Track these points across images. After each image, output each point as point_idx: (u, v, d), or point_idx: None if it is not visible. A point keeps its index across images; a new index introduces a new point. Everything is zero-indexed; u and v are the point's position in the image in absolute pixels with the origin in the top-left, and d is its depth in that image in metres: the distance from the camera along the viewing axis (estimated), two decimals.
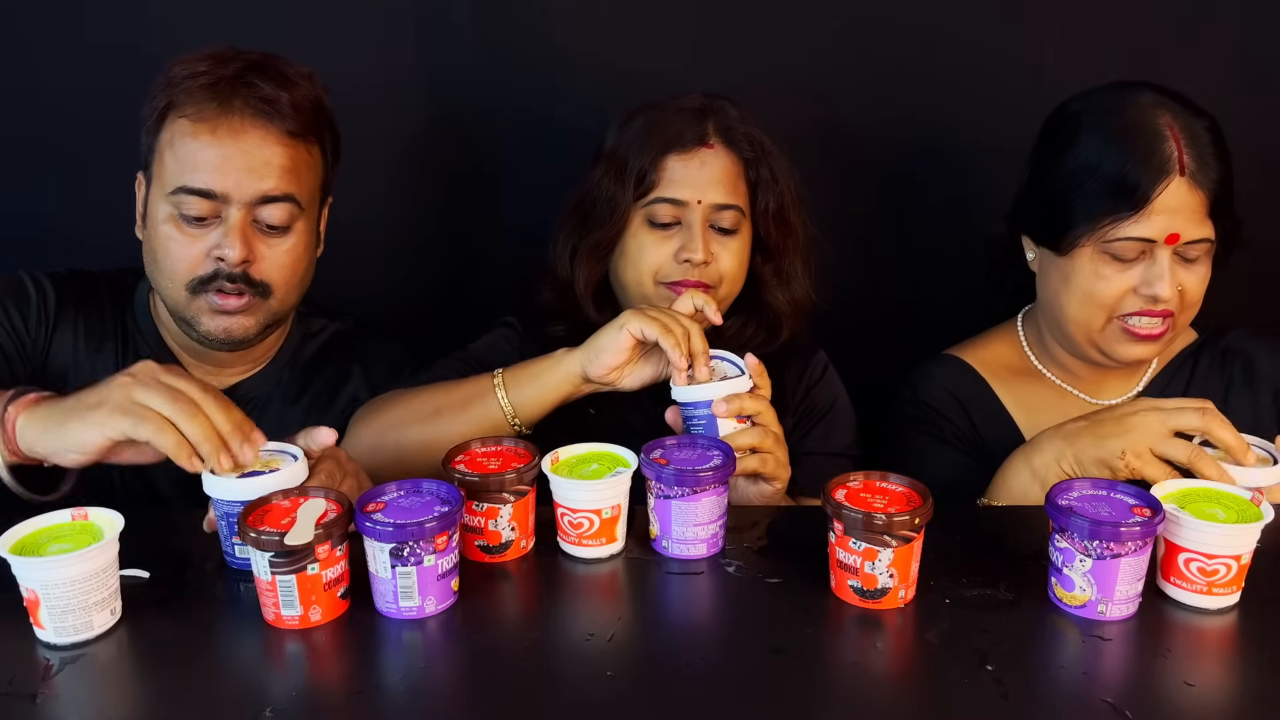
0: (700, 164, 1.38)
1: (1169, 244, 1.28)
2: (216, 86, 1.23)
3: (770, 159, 1.41)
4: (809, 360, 1.51)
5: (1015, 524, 1.17)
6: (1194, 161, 1.28)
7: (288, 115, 1.25)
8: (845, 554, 0.97)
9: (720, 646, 0.95)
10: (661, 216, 1.38)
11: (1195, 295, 1.33)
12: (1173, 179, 1.27)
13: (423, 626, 0.96)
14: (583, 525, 1.06)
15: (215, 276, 1.26)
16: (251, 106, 1.24)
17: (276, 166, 1.25)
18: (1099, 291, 1.32)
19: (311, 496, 1.01)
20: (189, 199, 1.23)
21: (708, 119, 1.40)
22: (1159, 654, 0.92)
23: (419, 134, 1.75)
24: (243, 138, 1.23)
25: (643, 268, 1.39)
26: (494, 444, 1.13)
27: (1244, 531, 0.95)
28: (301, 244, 1.31)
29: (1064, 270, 1.35)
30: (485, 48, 1.70)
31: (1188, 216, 1.28)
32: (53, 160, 1.68)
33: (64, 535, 0.95)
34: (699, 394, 1.21)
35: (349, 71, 1.66)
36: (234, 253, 1.24)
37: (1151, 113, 1.30)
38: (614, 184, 1.39)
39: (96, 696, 0.88)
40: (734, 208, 1.38)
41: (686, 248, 1.36)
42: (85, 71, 1.63)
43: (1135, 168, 1.27)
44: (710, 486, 1.06)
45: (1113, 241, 1.29)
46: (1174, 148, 1.27)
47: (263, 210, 1.25)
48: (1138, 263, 1.30)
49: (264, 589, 0.95)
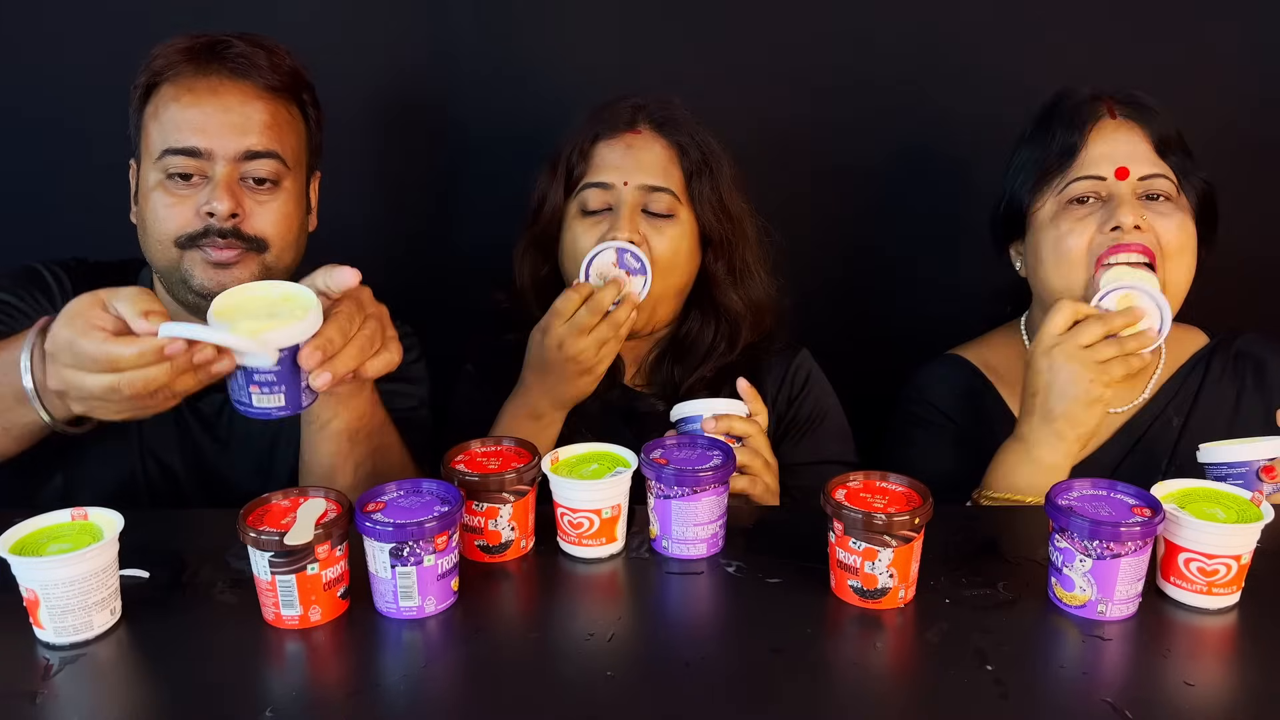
0: (627, 147, 1.37)
1: (1121, 179, 1.31)
2: (193, 52, 1.26)
3: (704, 147, 1.39)
4: (790, 362, 1.48)
5: (1015, 524, 1.17)
6: (1123, 107, 1.34)
7: (265, 72, 1.27)
8: (845, 554, 0.97)
9: (720, 646, 0.94)
10: (591, 203, 1.37)
11: (1174, 242, 1.30)
12: (1102, 120, 1.33)
13: (423, 626, 0.96)
14: (583, 525, 1.06)
15: (206, 233, 1.25)
16: (228, 66, 1.26)
17: (257, 122, 1.26)
18: (1066, 246, 1.32)
19: (311, 496, 1.01)
20: (175, 159, 1.24)
21: (640, 109, 1.40)
22: (1159, 654, 0.92)
23: (418, 135, 1.75)
24: (222, 95, 1.25)
25: (577, 257, 1.35)
26: (494, 444, 1.13)
27: (1244, 531, 0.95)
28: (291, 202, 1.30)
29: (1035, 245, 1.37)
30: (483, 48, 1.70)
31: (1131, 151, 1.32)
32: (54, 153, 1.68)
33: (64, 535, 0.95)
34: (691, 409, 1.25)
35: (346, 73, 1.67)
36: (222, 206, 1.23)
37: (1079, 92, 1.37)
38: (549, 179, 1.40)
39: (96, 696, 0.88)
40: (665, 190, 1.36)
41: (614, 228, 1.33)
42: (85, 65, 1.64)
43: (1065, 127, 1.34)
44: (710, 486, 1.06)
45: (1063, 189, 1.33)
46: (1101, 103, 1.35)
47: (248, 165, 1.26)
48: (1098, 207, 1.32)
49: (264, 589, 0.94)
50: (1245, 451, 1.17)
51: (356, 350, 0.99)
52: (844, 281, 1.81)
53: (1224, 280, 1.34)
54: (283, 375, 0.95)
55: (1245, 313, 1.45)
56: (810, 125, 1.74)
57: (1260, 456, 1.16)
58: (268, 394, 0.96)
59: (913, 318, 1.77)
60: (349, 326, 0.99)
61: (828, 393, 1.49)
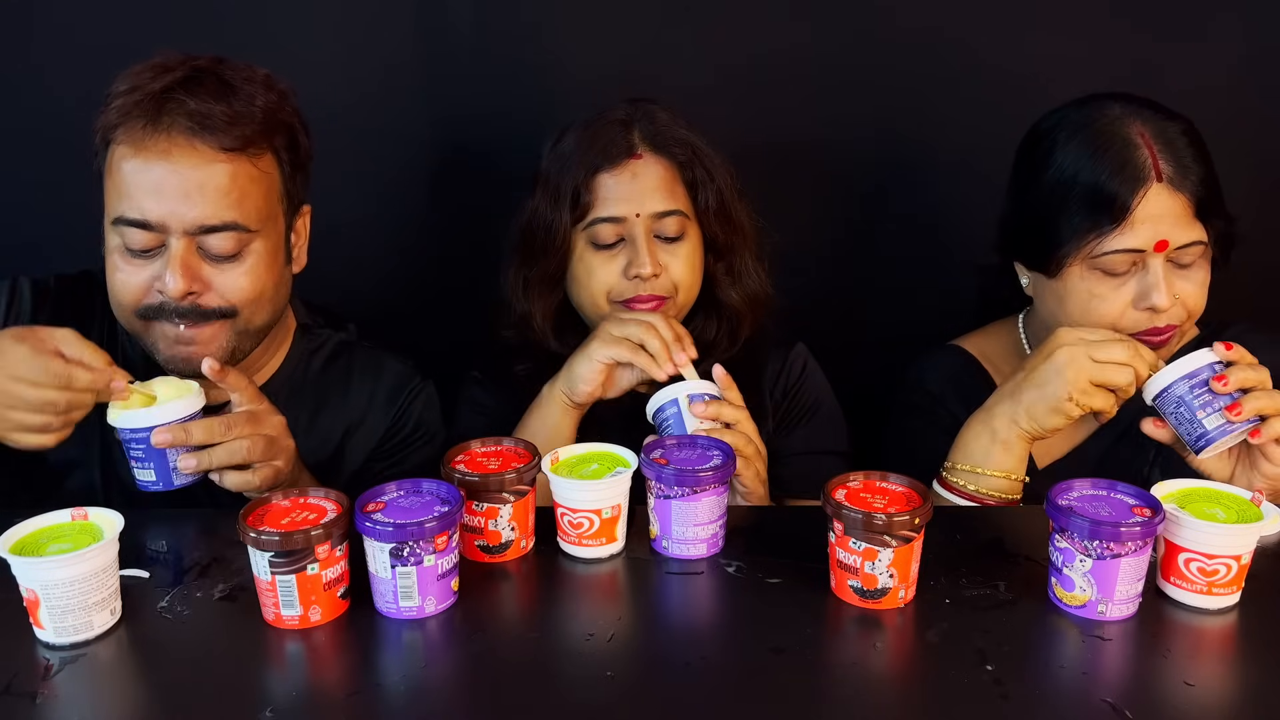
0: (632, 176, 1.35)
1: (1159, 252, 1.26)
2: (143, 104, 1.15)
3: (703, 158, 1.38)
4: (787, 355, 1.49)
5: (1015, 524, 1.17)
6: (1170, 166, 1.26)
7: (221, 129, 1.16)
8: (845, 554, 0.97)
9: (720, 646, 0.95)
10: (604, 237, 1.35)
11: (1195, 303, 1.30)
12: (1150, 185, 1.25)
13: (423, 626, 0.96)
14: (583, 525, 1.06)
15: (162, 309, 1.20)
16: (180, 124, 1.15)
17: (213, 189, 1.16)
18: (1096, 311, 1.30)
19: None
20: (129, 231, 1.17)
21: (632, 129, 1.37)
22: (1159, 654, 0.92)
23: (416, 135, 1.75)
24: (173, 158, 1.15)
25: (594, 290, 1.36)
26: (494, 444, 1.13)
27: (1244, 531, 0.95)
28: (261, 265, 1.22)
29: (1058, 293, 1.34)
30: (483, 49, 1.70)
31: (1173, 222, 1.26)
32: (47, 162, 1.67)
33: (64, 535, 0.95)
34: (665, 396, 1.26)
35: (346, 73, 1.67)
36: (174, 286, 1.16)
37: (1121, 123, 1.29)
38: (550, 209, 1.36)
39: (96, 696, 0.88)
40: (675, 213, 1.35)
41: (634, 263, 1.33)
42: (79, 72, 1.63)
43: (1111, 179, 1.26)
44: (710, 486, 1.06)
45: (1100, 257, 1.28)
46: (1147, 155, 1.26)
47: (207, 239, 1.18)
48: (1130, 276, 1.29)
49: (264, 589, 0.94)
50: (1186, 364, 1.15)
51: (224, 454, 1.11)
52: (839, 280, 1.81)
53: (1216, 276, 1.34)
54: (150, 453, 1.12)
55: (1239, 309, 1.46)
56: (806, 123, 1.74)
57: (1204, 362, 1.14)
58: (140, 468, 1.13)
59: (908, 316, 1.77)
60: (219, 430, 1.11)
61: (823, 384, 1.51)
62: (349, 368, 1.42)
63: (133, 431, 1.11)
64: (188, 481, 1.14)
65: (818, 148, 1.75)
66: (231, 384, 1.15)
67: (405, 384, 1.42)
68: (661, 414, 1.27)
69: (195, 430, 1.11)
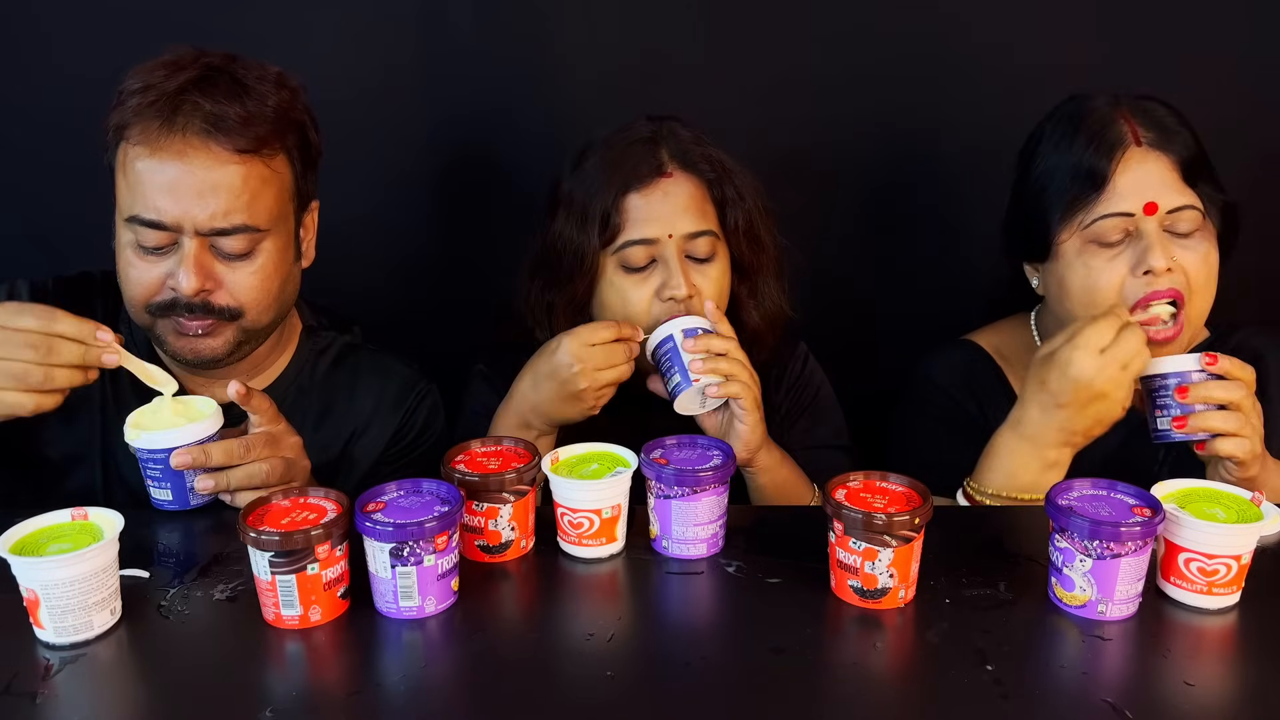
0: (663, 195, 1.32)
1: (1149, 215, 1.27)
2: (158, 104, 1.16)
3: (733, 175, 1.36)
4: (789, 354, 1.50)
5: (1015, 524, 1.17)
6: (1150, 132, 1.29)
7: (235, 130, 1.17)
8: (845, 554, 0.97)
9: (720, 646, 0.95)
10: (635, 260, 1.32)
11: (1201, 276, 1.29)
12: (1128, 148, 1.29)
13: (423, 626, 0.96)
14: (583, 525, 1.06)
15: (174, 304, 1.21)
16: (195, 124, 1.16)
17: (226, 191, 1.17)
18: (1095, 284, 1.30)
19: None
20: (142, 230, 1.18)
21: (660, 147, 1.34)
22: (1159, 654, 0.92)
23: (417, 135, 1.75)
24: (188, 158, 1.16)
25: (629, 316, 1.33)
26: (494, 444, 1.13)
27: (1244, 531, 0.95)
28: (270, 264, 1.24)
29: (1059, 275, 1.34)
30: (485, 49, 1.70)
31: (1160, 183, 1.27)
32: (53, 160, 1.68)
33: (64, 535, 0.95)
34: (660, 334, 1.28)
35: (347, 73, 1.67)
36: (188, 284, 1.18)
37: (1102, 103, 1.33)
38: (577, 232, 1.32)
39: (96, 696, 0.88)
40: (707, 233, 1.33)
41: (668, 285, 1.31)
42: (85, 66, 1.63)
43: (1089, 152, 1.30)
44: (710, 486, 1.06)
45: (1091, 226, 1.29)
46: (1125, 124, 1.30)
47: (219, 240, 1.19)
48: (1126, 245, 1.29)
49: (264, 589, 0.94)
50: (1170, 363, 1.19)
51: (243, 476, 1.13)
52: (845, 278, 1.81)
53: (1224, 277, 1.34)
54: (167, 474, 1.13)
55: (1244, 310, 1.46)
56: (811, 123, 1.74)
57: (1183, 368, 1.18)
58: (157, 488, 1.15)
59: (914, 315, 1.77)
60: (238, 453, 1.13)
61: (823, 380, 1.51)
62: (355, 371, 1.42)
63: (150, 452, 1.13)
64: (204, 502, 1.16)
65: (825, 145, 1.74)
66: (254, 406, 1.16)
67: (411, 388, 1.42)
68: (660, 350, 1.28)
69: (215, 452, 1.12)
